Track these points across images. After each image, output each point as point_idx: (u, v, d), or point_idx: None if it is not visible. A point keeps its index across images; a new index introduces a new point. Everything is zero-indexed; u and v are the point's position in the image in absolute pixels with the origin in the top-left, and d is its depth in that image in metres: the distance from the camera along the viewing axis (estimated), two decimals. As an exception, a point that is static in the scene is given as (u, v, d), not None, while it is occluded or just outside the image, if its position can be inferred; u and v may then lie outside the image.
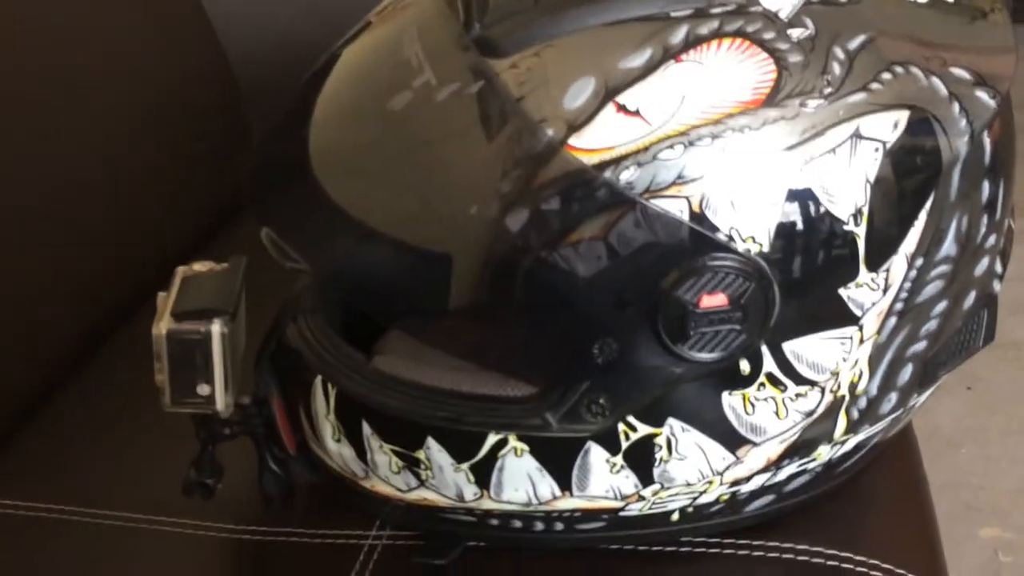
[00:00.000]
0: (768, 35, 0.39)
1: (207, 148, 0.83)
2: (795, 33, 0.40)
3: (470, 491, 0.46)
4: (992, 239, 0.44)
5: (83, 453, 0.60)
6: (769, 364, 0.41)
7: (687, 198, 0.38)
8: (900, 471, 0.57)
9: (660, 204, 0.38)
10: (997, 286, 0.46)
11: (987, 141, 0.42)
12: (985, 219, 0.43)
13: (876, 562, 0.49)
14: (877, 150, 0.39)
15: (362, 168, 0.45)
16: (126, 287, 0.72)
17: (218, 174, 0.84)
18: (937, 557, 0.54)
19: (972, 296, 0.45)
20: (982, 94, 0.41)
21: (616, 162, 0.39)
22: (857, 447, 0.47)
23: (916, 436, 0.62)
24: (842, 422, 0.44)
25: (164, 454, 0.55)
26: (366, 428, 0.47)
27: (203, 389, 0.47)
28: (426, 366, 0.46)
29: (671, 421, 0.43)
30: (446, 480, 0.46)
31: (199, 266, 0.51)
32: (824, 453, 0.46)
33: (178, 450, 0.51)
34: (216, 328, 0.46)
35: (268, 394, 0.50)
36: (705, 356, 0.40)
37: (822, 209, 0.39)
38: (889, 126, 0.39)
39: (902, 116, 0.40)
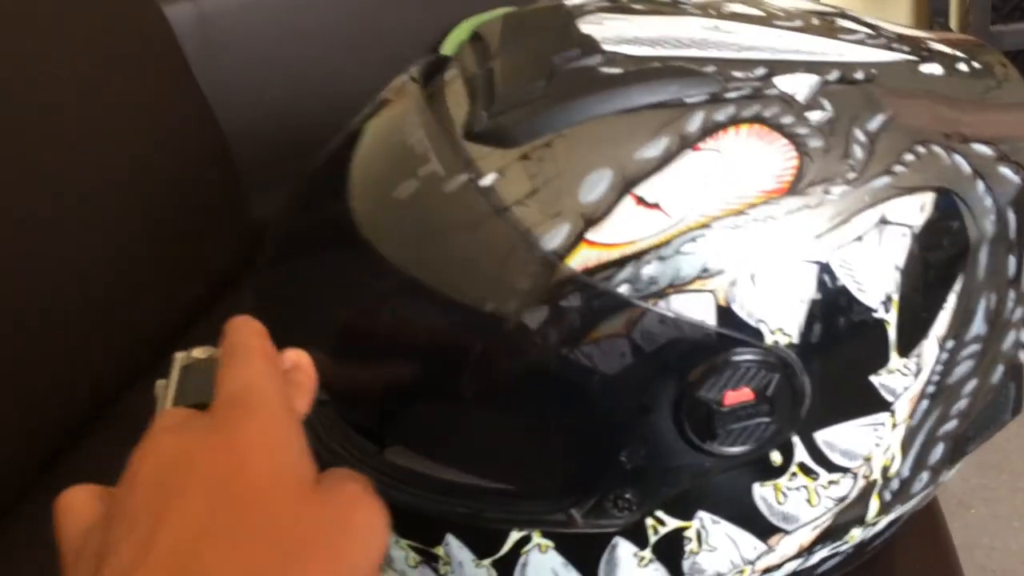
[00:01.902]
0: (787, 119, 0.38)
1: (204, 218, 0.82)
2: (814, 116, 0.39)
3: (493, 588, 0.45)
4: (1019, 312, 0.43)
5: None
6: (801, 454, 0.40)
7: (712, 292, 0.37)
8: (927, 538, 0.56)
9: (684, 300, 0.37)
10: (1022, 356, 0.45)
11: (1011, 216, 0.41)
12: (1012, 294, 0.42)
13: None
14: (904, 235, 0.38)
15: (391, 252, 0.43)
16: (121, 356, 0.71)
17: (214, 245, 0.83)
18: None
19: (1000, 370, 0.43)
20: (1006, 170, 0.40)
21: (637, 256, 0.37)
22: (889, 525, 0.46)
23: (939, 502, 0.60)
24: (874, 505, 0.43)
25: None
26: (382, 524, 0.45)
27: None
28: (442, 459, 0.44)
29: (700, 514, 0.41)
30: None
31: (198, 352, 0.50)
32: (856, 535, 0.44)
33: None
34: None
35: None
36: (735, 450, 0.39)
37: (852, 298, 0.38)
38: (916, 209, 0.38)
39: (928, 198, 0.39)
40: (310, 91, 0.86)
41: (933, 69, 0.44)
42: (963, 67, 0.45)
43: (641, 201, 0.37)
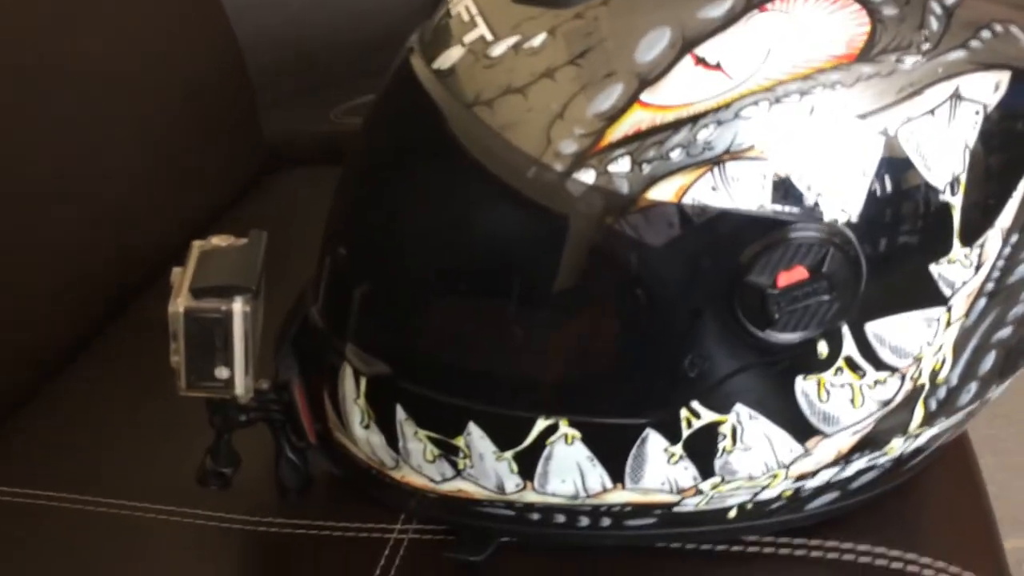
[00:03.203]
0: (860, -15, 0.36)
1: (215, 130, 0.80)
2: (889, -16, 0.37)
3: (512, 482, 0.42)
4: (1084, 217, 0.41)
5: (91, 440, 0.56)
6: (849, 347, 0.38)
7: (770, 161, 0.35)
8: (958, 472, 0.54)
9: (740, 168, 0.35)
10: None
11: (1087, 109, 0.39)
12: (1081, 194, 0.40)
13: (943, 564, 0.46)
14: (978, 112, 0.36)
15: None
16: (134, 265, 0.69)
17: (226, 156, 0.81)
18: (1001, 560, 0.51)
19: (1060, 279, 0.42)
20: (1085, 58, 0.38)
21: (694, 120, 0.35)
22: (927, 443, 0.44)
23: (970, 439, 0.59)
24: (919, 413, 0.41)
25: (176, 441, 0.51)
26: (400, 413, 0.43)
27: (222, 372, 0.43)
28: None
29: (738, 408, 0.39)
30: (486, 470, 0.42)
31: (217, 240, 0.48)
32: (896, 447, 0.42)
33: (190, 438, 0.48)
34: (238, 306, 0.42)
35: (289, 379, 0.46)
36: (794, 336, 0.37)
37: (918, 176, 0.36)
38: (990, 87, 0.36)
39: (1004, 77, 0.37)
40: (324, 2, 0.84)
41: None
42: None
43: (701, 62, 0.35)
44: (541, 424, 0.41)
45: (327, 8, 0.89)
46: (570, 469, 0.42)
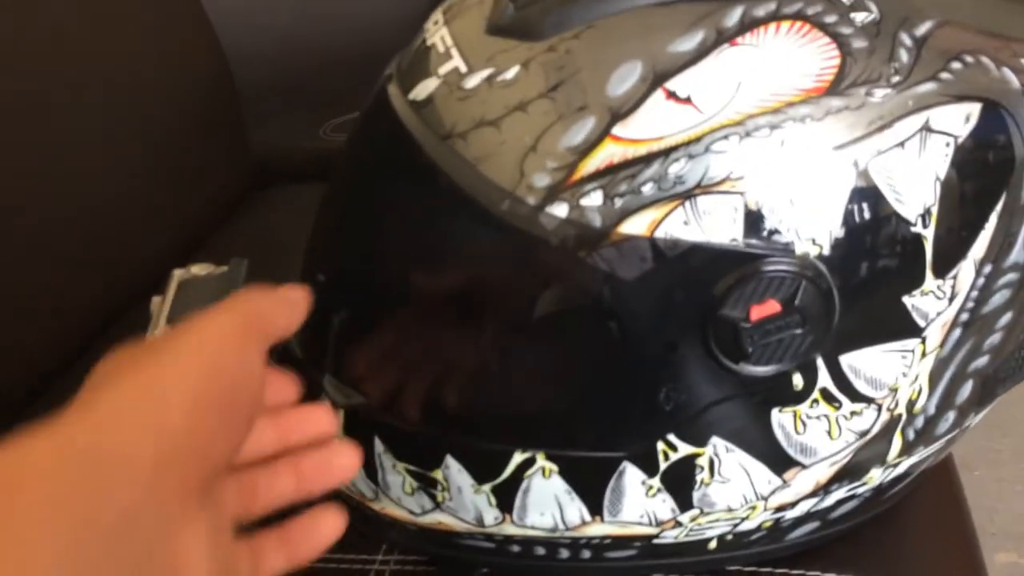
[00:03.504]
0: (830, 18, 0.36)
1: (205, 145, 0.80)
2: (859, 17, 0.37)
3: (491, 515, 0.42)
4: (1059, 246, 0.41)
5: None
6: (824, 379, 0.38)
7: (742, 194, 0.35)
8: (940, 494, 0.54)
9: (712, 202, 0.35)
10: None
11: (1059, 139, 0.39)
12: (1054, 224, 0.40)
13: (926, 593, 0.46)
14: (948, 144, 0.36)
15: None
16: (115, 289, 0.69)
17: (212, 173, 0.81)
18: (984, 584, 0.51)
19: (1036, 308, 0.42)
20: (1056, 89, 0.38)
21: (665, 153, 0.35)
22: (908, 471, 0.44)
23: (953, 460, 0.58)
24: (897, 443, 0.41)
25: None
26: (378, 445, 0.43)
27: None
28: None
29: (715, 440, 0.39)
30: (465, 503, 0.42)
31: (197, 269, 0.48)
32: (875, 477, 0.42)
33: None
34: None
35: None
36: (767, 369, 0.36)
37: (889, 209, 0.36)
38: (961, 119, 0.36)
39: (974, 109, 0.36)
40: (313, 18, 0.84)
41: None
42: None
43: (672, 95, 0.35)
44: (518, 458, 0.40)
45: (318, 25, 0.89)
46: (548, 502, 0.41)
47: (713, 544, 0.43)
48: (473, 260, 0.38)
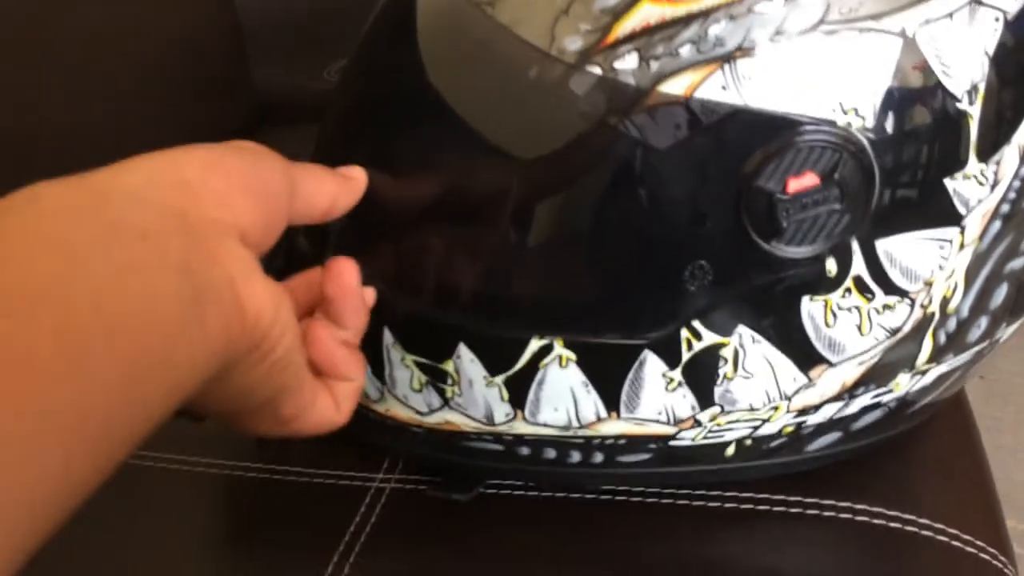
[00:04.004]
0: None
1: (207, 83, 0.78)
2: None
3: (502, 411, 0.41)
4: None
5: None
6: (858, 265, 0.36)
7: (784, 59, 0.34)
8: (957, 435, 0.53)
9: (753, 65, 0.34)
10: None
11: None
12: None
13: (941, 526, 0.44)
14: (998, 19, 0.35)
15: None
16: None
17: (217, 110, 0.79)
18: (1000, 523, 0.49)
19: (1075, 213, 0.40)
20: (1108, -26, 0.37)
21: (705, 15, 0.34)
22: (935, 383, 0.42)
23: (967, 400, 0.57)
24: (927, 346, 0.40)
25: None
26: (387, 337, 0.41)
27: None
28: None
29: (741, 330, 0.38)
30: (475, 397, 0.41)
31: None
32: (902, 384, 0.41)
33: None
34: None
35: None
36: (803, 250, 0.35)
37: (936, 81, 0.34)
38: (1011, -6, 0.35)
39: (1025, -15, 0.35)
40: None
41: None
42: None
43: (715, -46, 0.34)
44: (535, 345, 0.39)
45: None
46: (563, 396, 0.40)
47: (731, 450, 0.41)
48: (499, 130, 0.37)
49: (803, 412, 0.40)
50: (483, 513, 0.45)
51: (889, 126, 0.34)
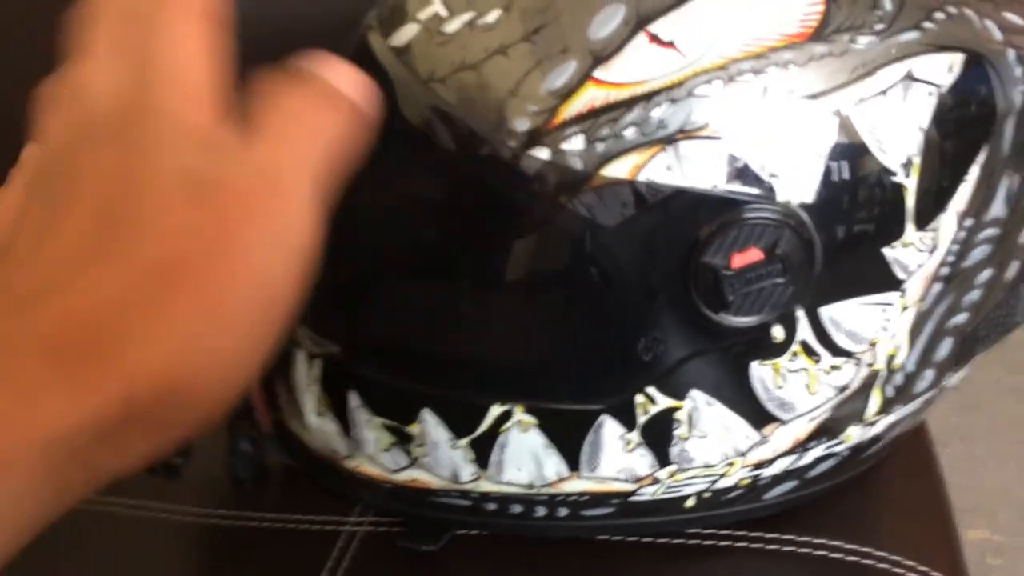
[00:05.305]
0: (815, -35, 0.36)
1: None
2: (843, -35, 0.37)
3: (467, 471, 0.42)
4: (1039, 204, 0.41)
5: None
6: (804, 331, 0.38)
7: (724, 140, 0.35)
8: (916, 466, 0.54)
9: (694, 147, 0.35)
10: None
11: (1040, 95, 0.39)
12: (1034, 181, 0.40)
13: (899, 558, 0.46)
14: (931, 94, 0.36)
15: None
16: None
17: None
18: (957, 554, 0.51)
19: (1015, 266, 0.41)
20: (1038, 42, 0.38)
21: (647, 97, 0.35)
22: (885, 431, 0.43)
23: (928, 431, 0.59)
24: (875, 400, 0.41)
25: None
26: (354, 399, 0.42)
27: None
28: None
29: (694, 393, 0.39)
30: (441, 458, 0.42)
31: None
32: (853, 436, 0.42)
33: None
34: None
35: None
36: (748, 320, 0.36)
37: (871, 157, 0.36)
38: (943, 68, 0.36)
39: (956, 59, 0.36)
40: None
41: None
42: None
43: (655, 39, 0.35)
44: (496, 411, 0.40)
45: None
46: (525, 457, 0.41)
47: (691, 502, 0.43)
48: (452, 206, 0.38)
49: (759, 466, 0.41)
50: (455, 555, 0.46)
51: (827, 202, 0.36)
